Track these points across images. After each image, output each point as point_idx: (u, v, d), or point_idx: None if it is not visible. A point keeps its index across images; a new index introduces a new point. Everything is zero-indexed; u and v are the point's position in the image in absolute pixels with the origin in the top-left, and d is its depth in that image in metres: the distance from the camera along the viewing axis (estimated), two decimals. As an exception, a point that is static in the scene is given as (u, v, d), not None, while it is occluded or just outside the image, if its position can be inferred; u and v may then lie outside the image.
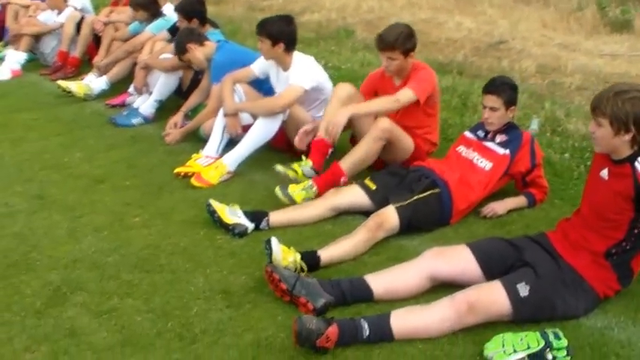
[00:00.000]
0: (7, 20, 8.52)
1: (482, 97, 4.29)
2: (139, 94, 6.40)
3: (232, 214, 4.02)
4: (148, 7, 6.78)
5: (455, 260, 3.32)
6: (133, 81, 6.50)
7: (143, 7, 6.76)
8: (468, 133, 4.44)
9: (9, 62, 7.91)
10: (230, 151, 4.88)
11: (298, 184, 4.30)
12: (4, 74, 7.76)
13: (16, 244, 3.95)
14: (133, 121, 6.09)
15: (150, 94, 6.24)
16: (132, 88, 6.52)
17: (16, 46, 8.15)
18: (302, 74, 4.85)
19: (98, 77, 6.97)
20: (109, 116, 6.23)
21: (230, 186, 4.73)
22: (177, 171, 4.88)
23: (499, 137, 4.25)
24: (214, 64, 5.49)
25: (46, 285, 3.49)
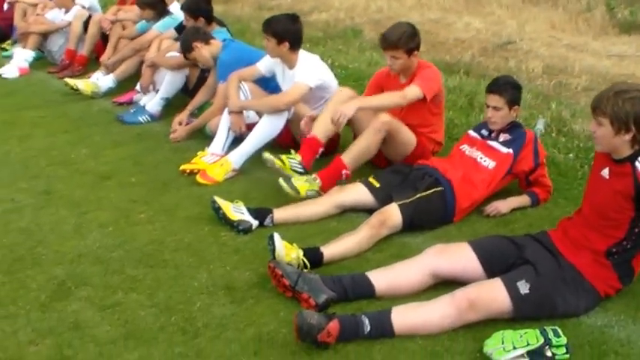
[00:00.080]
0: (15, 18, 8.55)
1: (486, 97, 4.30)
2: (144, 94, 6.43)
3: (237, 211, 4.05)
4: (155, 6, 6.79)
5: (456, 258, 3.33)
6: (140, 79, 6.53)
7: (150, 5, 6.77)
8: (472, 131, 4.45)
9: (17, 60, 7.94)
10: (235, 148, 4.90)
11: (302, 176, 4.32)
12: (11, 72, 7.80)
13: (22, 239, 3.99)
14: (140, 118, 6.13)
15: (157, 91, 6.27)
16: (139, 86, 6.55)
17: (23, 44, 8.20)
18: (307, 72, 4.87)
19: (105, 75, 7.00)
20: (116, 114, 6.28)
21: (235, 183, 4.76)
22: (182, 168, 4.91)
23: (502, 136, 4.25)
24: (220, 63, 5.51)
25: (51, 279, 3.53)
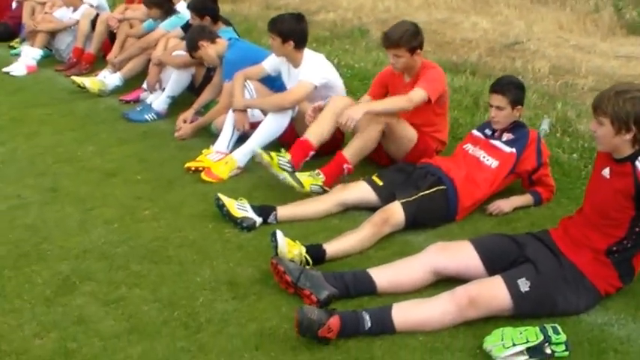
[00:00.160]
0: (23, 17, 8.63)
1: (489, 96, 4.31)
2: (150, 92, 6.46)
3: (241, 209, 4.07)
4: (162, 5, 6.80)
5: (458, 255, 3.35)
6: (146, 77, 6.56)
7: (156, 4, 6.78)
8: (476, 131, 4.46)
9: (25, 58, 7.99)
10: (240, 146, 4.92)
11: (305, 172, 4.36)
12: (19, 70, 7.85)
13: (28, 235, 4.03)
14: (146, 116, 6.16)
15: (163, 90, 6.30)
16: (146, 84, 6.58)
17: (31, 42, 8.25)
18: (312, 71, 4.90)
19: (112, 73, 7.03)
20: (123, 112, 6.31)
21: (239, 181, 4.78)
22: (187, 166, 4.93)
23: (506, 136, 4.26)
24: (226, 62, 5.53)
25: (56, 274, 3.57)
